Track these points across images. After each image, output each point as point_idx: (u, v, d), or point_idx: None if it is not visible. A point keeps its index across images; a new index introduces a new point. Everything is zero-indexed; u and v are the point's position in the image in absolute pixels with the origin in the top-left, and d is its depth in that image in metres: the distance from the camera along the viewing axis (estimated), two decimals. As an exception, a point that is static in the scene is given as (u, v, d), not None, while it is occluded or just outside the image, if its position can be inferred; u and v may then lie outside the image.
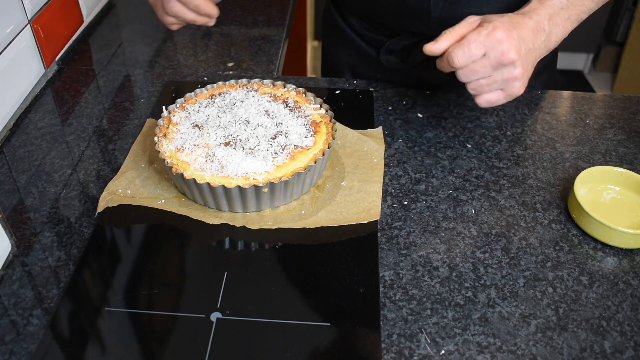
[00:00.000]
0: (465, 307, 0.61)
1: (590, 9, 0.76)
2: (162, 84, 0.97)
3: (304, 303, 0.61)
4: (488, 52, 0.67)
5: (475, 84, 0.70)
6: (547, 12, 0.71)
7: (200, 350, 0.56)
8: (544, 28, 0.71)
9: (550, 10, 0.72)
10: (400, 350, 0.57)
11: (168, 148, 0.72)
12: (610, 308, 0.62)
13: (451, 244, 0.68)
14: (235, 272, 0.65)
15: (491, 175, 0.79)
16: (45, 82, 0.98)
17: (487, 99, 0.71)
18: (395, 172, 0.79)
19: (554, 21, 0.72)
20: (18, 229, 0.70)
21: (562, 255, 0.67)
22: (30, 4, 0.93)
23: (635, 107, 0.93)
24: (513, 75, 0.68)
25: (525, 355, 0.57)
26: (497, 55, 0.67)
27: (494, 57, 0.67)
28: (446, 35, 0.70)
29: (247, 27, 1.16)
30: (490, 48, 0.67)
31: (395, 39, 0.95)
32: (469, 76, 0.69)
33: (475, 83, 0.70)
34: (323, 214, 0.71)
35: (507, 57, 0.67)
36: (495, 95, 0.71)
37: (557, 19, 0.72)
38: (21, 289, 0.63)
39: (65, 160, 0.81)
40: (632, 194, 0.73)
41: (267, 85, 0.83)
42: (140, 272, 0.65)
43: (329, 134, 0.75)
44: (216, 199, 0.69)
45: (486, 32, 0.67)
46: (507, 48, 0.67)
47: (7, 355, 0.57)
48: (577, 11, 0.74)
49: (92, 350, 0.57)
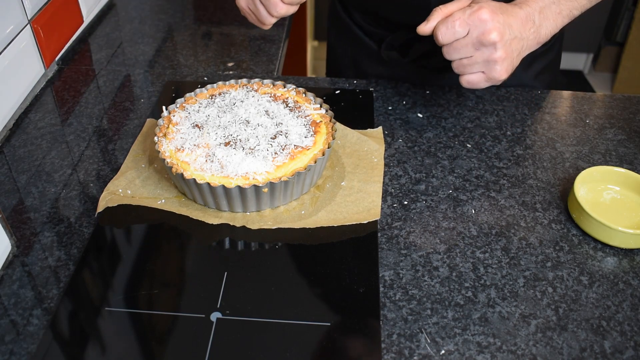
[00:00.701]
0: (465, 307, 0.61)
1: (582, 6, 0.77)
2: (162, 84, 0.97)
3: (304, 303, 0.61)
4: (471, 30, 0.68)
5: (457, 63, 0.71)
6: (539, 5, 0.72)
7: (200, 350, 0.57)
8: (534, 20, 0.72)
9: (542, 3, 0.73)
10: (400, 350, 0.57)
11: (168, 148, 0.72)
12: (610, 308, 0.62)
13: (451, 244, 0.68)
14: (235, 272, 0.65)
15: (491, 175, 0.79)
16: (45, 82, 0.98)
17: (469, 79, 0.72)
18: (395, 172, 0.79)
19: (544, 14, 0.73)
20: (18, 229, 0.70)
21: (562, 255, 0.67)
22: (30, 4, 0.93)
23: (635, 107, 0.93)
24: (493, 58, 0.69)
25: (525, 355, 0.57)
26: (479, 35, 0.68)
27: (475, 37, 0.68)
28: (436, 13, 0.71)
29: (247, 27, 1.16)
30: (473, 27, 0.68)
31: (395, 34, 0.95)
32: (452, 54, 0.70)
33: (458, 62, 0.71)
34: (323, 214, 0.71)
35: (487, 38, 0.67)
36: (476, 77, 0.71)
37: (548, 12, 0.73)
38: (21, 289, 0.63)
39: (65, 160, 0.81)
40: (632, 194, 0.73)
41: (267, 85, 0.83)
42: (140, 272, 0.65)
43: (329, 134, 0.75)
44: (216, 199, 0.69)
45: (471, 10, 0.68)
46: (490, 28, 0.67)
47: (7, 355, 0.57)
48: (569, 7, 0.75)
49: (92, 350, 0.57)
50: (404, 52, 0.96)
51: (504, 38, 0.68)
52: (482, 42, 0.68)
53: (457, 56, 0.70)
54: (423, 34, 0.72)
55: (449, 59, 0.71)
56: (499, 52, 0.68)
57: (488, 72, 0.71)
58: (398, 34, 0.95)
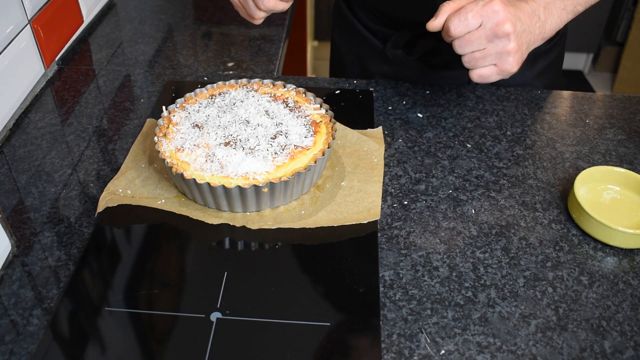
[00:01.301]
0: (465, 307, 0.61)
1: (586, 1, 0.77)
2: (162, 84, 0.97)
3: (304, 303, 0.61)
4: (484, 22, 0.68)
5: (469, 57, 0.70)
6: (544, 1, 0.72)
7: (200, 350, 0.56)
8: (539, 15, 0.72)
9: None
10: (400, 350, 0.57)
11: (168, 148, 0.72)
12: (610, 308, 0.62)
13: (451, 244, 0.68)
14: (235, 272, 0.65)
15: (491, 175, 0.79)
16: (45, 82, 0.98)
17: (480, 73, 0.71)
18: (395, 172, 0.79)
19: (549, 10, 0.73)
20: (18, 229, 0.70)
21: (562, 255, 0.67)
22: (30, 4, 0.93)
23: (635, 107, 0.93)
24: (507, 49, 0.69)
25: (525, 355, 0.57)
26: (493, 26, 0.67)
27: (489, 28, 0.68)
28: (444, 8, 0.71)
29: (247, 27, 1.16)
30: (487, 18, 0.68)
31: (401, 33, 0.95)
32: (464, 47, 0.70)
33: (470, 56, 0.70)
34: (323, 214, 0.71)
35: (502, 29, 0.67)
36: (488, 70, 0.71)
37: (553, 8, 0.73)
38: (21, 289, 0.63)
39: (65, 160, 0.81)
40: (632, 194, 0.73)
41: (267, 85, 0.83)
42: (140, 272, 0.65)
43: (329, 134, 0.75)
44: (216, 199, 0.69)
45: (483, 2, 0.68)
46: (503, 19, 0.67)
47: (7, 355, 0.57)
48: (573, 2, 0.75)
49: (92, 350, 0.57)
50: (409, 50, 0.96)
51: (517, 30, 0.68)
52: (497, 33, 0.68)
53: (469, 49, 0.69)
54: (433, 30, 0.72)
55: (460, 52, 0.70)
56: (512, 43, 0.68)
57: (500, 65, 0.70)
58: (403, 32, 0.95)
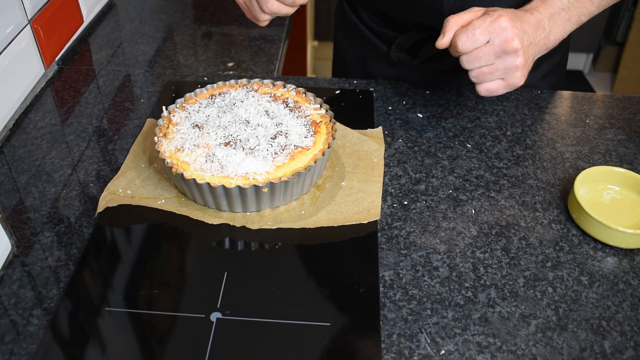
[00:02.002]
0: (465, 307, 0.61)
1: (590, 12, 0.77)
2: (162, 84, 0.97)
3: (304, 303, 0.61)
4: (492, 38, 0.68)
5: (477, 72, 0.71)
6: (548, 12, 0.72)
7: (200, 350, 0.57)
8: (544, 26, 0.72)
9: (551, 9, 0.73)
10: (400, 350, 0.57)
11: (168, 148, 0.72)
12: (610, 308, 0.62)
13: (451, 244, 0.68)
14: (235, 272, 0.65)
15: (491, 175, 0.79)
16: (45, 82, 0.98)
17: (488, 87, 0.72)
18: (395, 172, 0.79)
19: (554, 21, 0.73)
20: (18, 229, 0.70)
21: (562, 255, 0.67)
22: (30, 4, 0.93)
23: (635, 107, 0.93)
24: (515, 65, 0.69)
25: (525, 355, 0.57)
26: (501, 43, 0.68)
27: (498, 45, 0.68)
28: (450, 23, 0.71)
29: (247, 27, 1.16)
30: (495, 35, 0.68)
31: (405, 35, 0.95)
32: (472, 62, 0.70)
33: (478, 71, 0.70)
34: (323, 214, 0.71)
35: (510, 45, 0.68)
36: (496, 84, 0.71)
37: (557, 19, 0.73)
38: (21, 289, 0.63)
39: (65, 160, 0.81)
40: (632, 194, 0.73)
41: (267, 85, 0.83)
42: (140, 272, 0.65)
43: (329, 134, 0.75)
44: (216, 199, 0.69)
45: (491, 19, 0.68)
46: (511, 36, 0.67)
47: (7, 355, 0.57)
48: (578, 13, 0.75)
49: (92, 350, 0.57)
50: (413, 53, 0.96)
51: (524, 45, 0.69)
52: (505, 49, 0.68)
53: (477, 64, 0.70)
54: (442, 48, 0.72)
55: (468, 68, 0.70)
56: (520, 58, 0.69)
57: (508, 79, 0.70)
58: (408, 35, 0.95)
